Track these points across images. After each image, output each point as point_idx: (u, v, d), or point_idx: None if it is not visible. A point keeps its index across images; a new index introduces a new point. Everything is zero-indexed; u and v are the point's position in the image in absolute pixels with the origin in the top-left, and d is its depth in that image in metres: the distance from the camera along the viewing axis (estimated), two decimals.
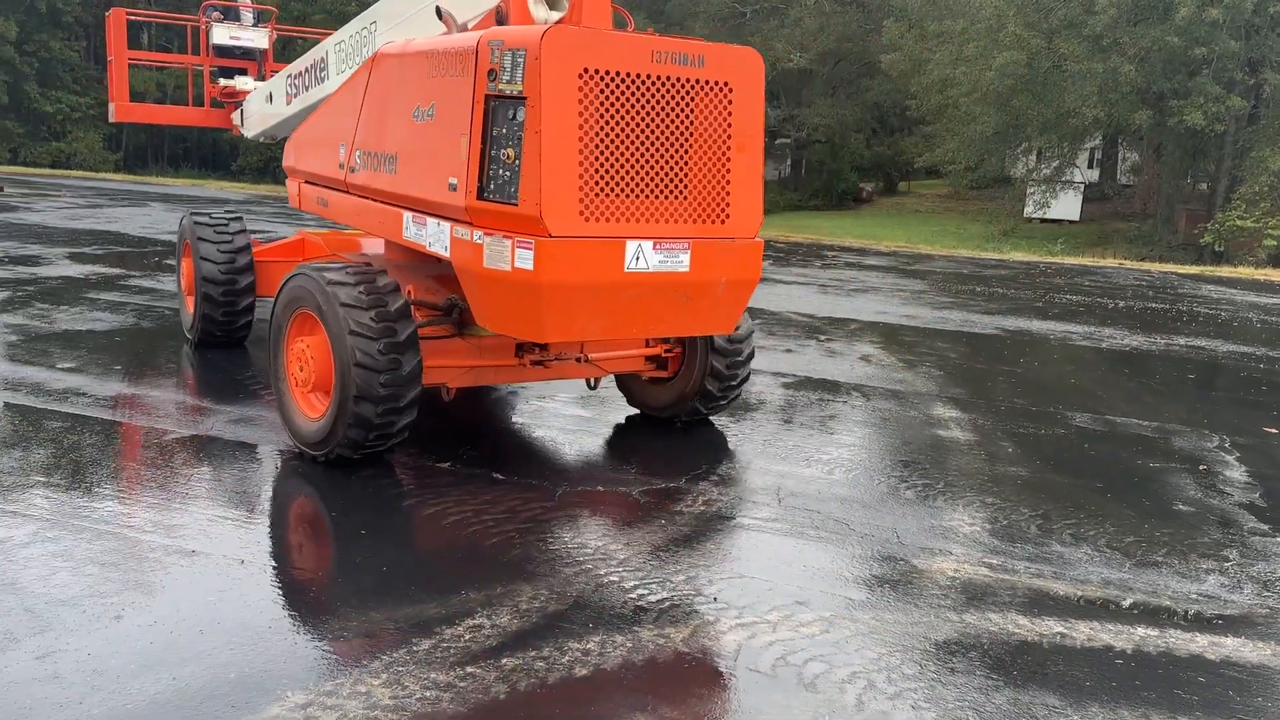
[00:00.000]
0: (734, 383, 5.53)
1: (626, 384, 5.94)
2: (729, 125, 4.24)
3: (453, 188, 4.18)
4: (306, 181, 6.00)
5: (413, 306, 4.66)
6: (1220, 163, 30.28)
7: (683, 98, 4.13)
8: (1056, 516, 4.66)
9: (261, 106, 7.51)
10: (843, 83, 45.64)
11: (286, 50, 14.30)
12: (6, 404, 5.40)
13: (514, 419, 5.84)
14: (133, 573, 3.54)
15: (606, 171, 3.99)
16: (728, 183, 4.28)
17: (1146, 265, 19.69)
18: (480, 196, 4.07)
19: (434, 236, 4.41)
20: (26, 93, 44.51)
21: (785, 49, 41.18)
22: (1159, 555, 4.27)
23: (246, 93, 8.20)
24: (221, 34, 8.50)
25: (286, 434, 4.91)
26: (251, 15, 8.82)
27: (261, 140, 7.90)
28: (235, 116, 8.38)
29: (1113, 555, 4.24)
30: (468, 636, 3.22)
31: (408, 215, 4.63)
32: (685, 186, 4.19)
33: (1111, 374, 8.30)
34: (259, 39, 8.66)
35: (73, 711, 2.69)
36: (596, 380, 5.51)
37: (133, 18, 8.94)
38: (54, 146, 45.01)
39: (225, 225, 6.80)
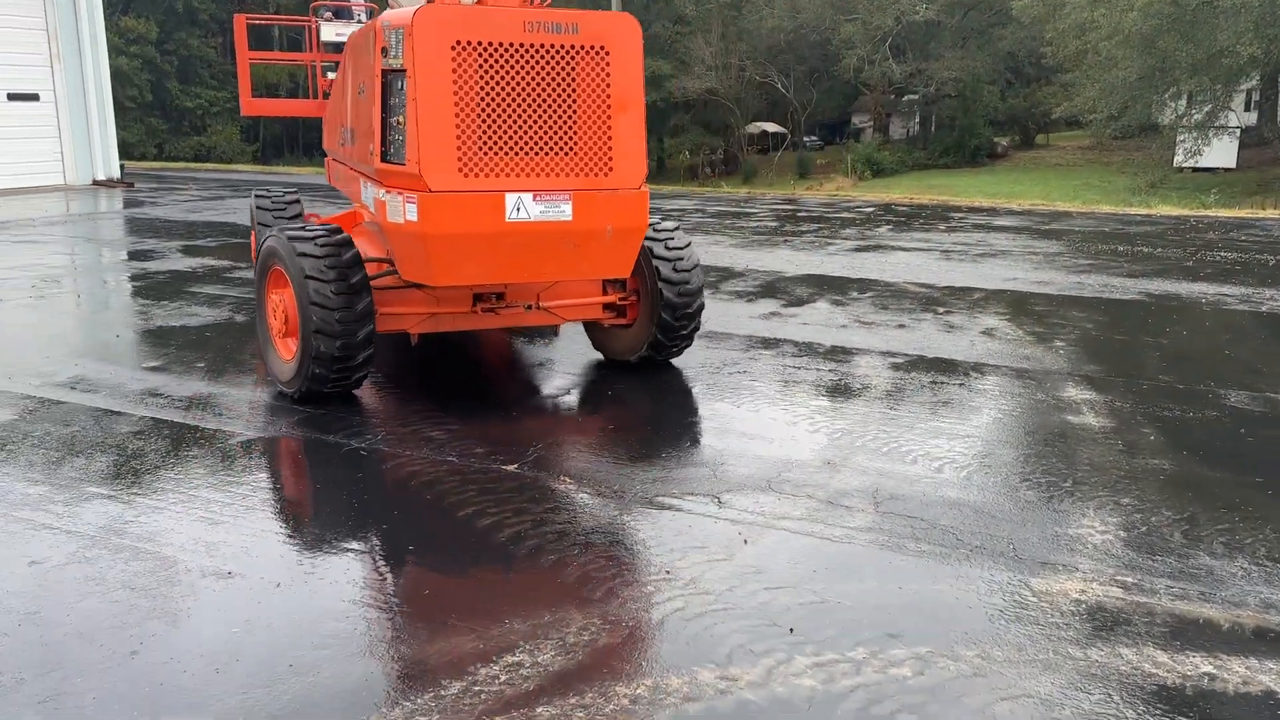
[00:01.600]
0: (683, 332, 5.90)
1: (591, 330, 6.33)
2: (608, 85, 4.67)
3: (371, 154, 4.88)
4: (332, 159, 6.82)
5: (365, 261, 5.16)
6: None
7: (560, 62, 4.61)
8: (1206, 521, 4.01)
9: None
10: (973, 32, 43.60)
11: None
12: (84, 408, 5.32)
13: (587, 418, 5.47)
14: (161, 599, 3.30)
15: (484, 131, 4.53)
16: (609, 138, 4.73)
17: None
18: (384, 159, 4.77)
19: (369, 198, 5.15)
20: (168, 90, 46.50)
21: (910, 2, 39.51)
22: None
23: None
24: (329, 31, 9.28)
25: (272, 379, 5.49)
26: (365, 13, 9.35)
27: None
28: None
29: (1275, 570, 3.59)
30: (504, 678, 2.85)
31: (362, 181, 5.38)
32: (566, 143, 4.67)
33: (1274, 343, 7.39)
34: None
35: None
36: (556, 328, 5.92)
37: (252, 22, 9.66)
38: (195, 140, 46.96)
39: (281, 197, 7.67)
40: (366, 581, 3.51)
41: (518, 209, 4.60)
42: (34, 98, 17.85)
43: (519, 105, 4.57)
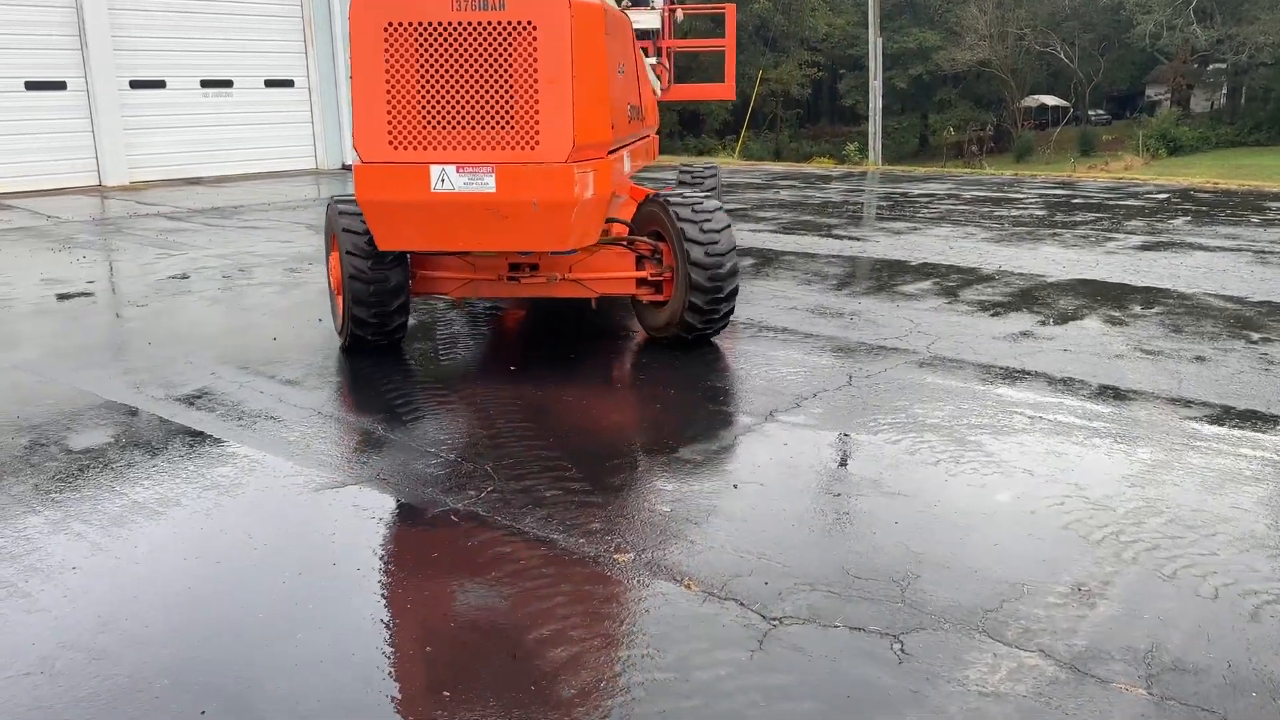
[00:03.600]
0: (714, 317, 5.75)
1: (634, 307, 6.24)
2: (535, 61, 4.66)
3: None
4: None
5: None
6: None
7: (487, 39, 4.67)
8: None
9: None
10: None
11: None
12: (181, 429, 4.67)
13: (745, 486, 4.24)
14: None
15: (413, 106, 4.75)
16: (536, 113, 4.72)
17: None
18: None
19: None
20: None
21: None
22: None
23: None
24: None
25: None
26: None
27: None
28: None
29: None
30: None
31: None
32: (491, 117, 4.75)
33: None
34: (650, 20, 9.71)
35: None
36: (595, 301, 5.99)
37: None
38: None
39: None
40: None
41: (442, 180, 4.80)
42: (289, 84, 18.41)
43: (446, 81, 4.76)
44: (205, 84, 17.37)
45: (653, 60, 9.29)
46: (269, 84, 18.19)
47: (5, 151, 15.02)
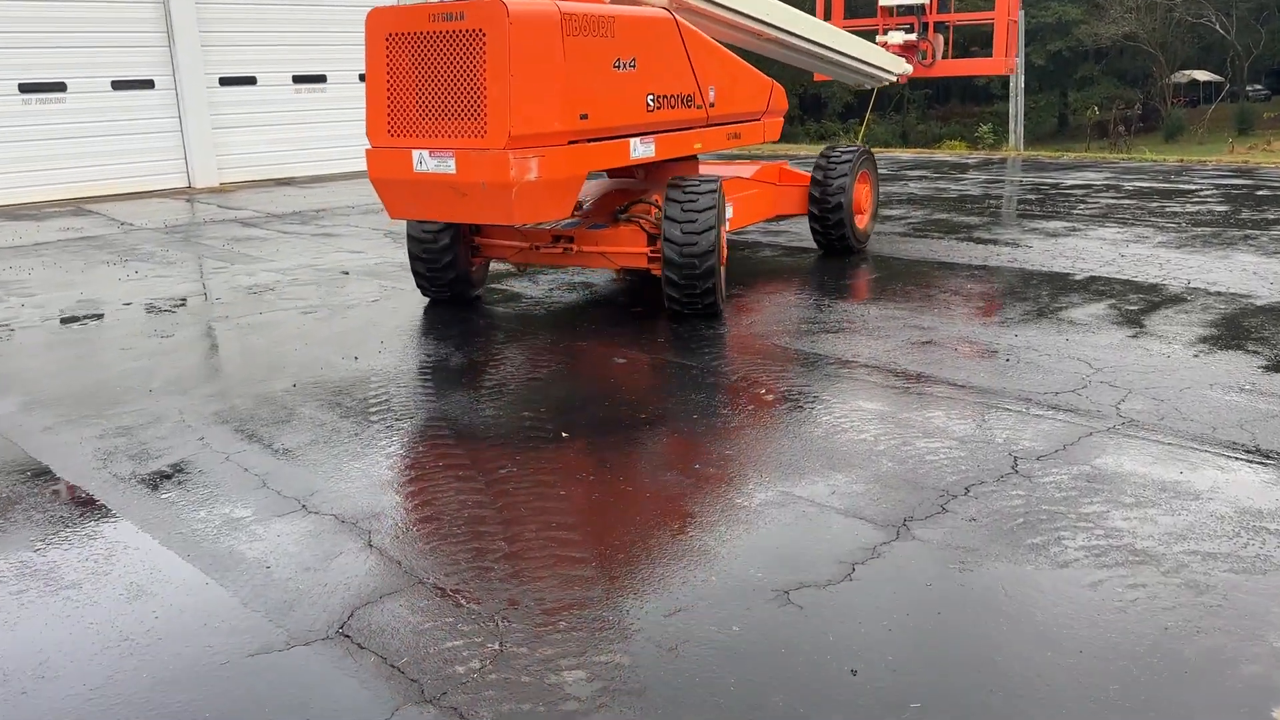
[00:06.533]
0: (693, 294, 6.20)
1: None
2: (484, 62, 5.40)
3: None
4: None
5: None
6: None
7: (450, 45, 5.50)
8: None
9: None
10: None
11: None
12: (119, 535, 3.57)
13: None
14: None
15: (403, 102, 5.70)
16: (484, 106, 5.45)
17: None
18: None
19: None
20: None
21: None
22: None
23: (896, 45, 10.02)
24: None
25: None
26: None
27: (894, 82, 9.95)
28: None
29: None
30: None
31: None
32: (452, 109, 5.56)
33: None
34: None
35: None
36: (619, 272, 7.14)
37: None
38: None
39: None
40: None
41: (420, 162, 5.64)
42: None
43: (423, 80, 5.58)
44: (297, 80, 16.66)
45: (908, 36, 10.01)
46: (363, 79, 17.38)
47: (92, 154, 14.52)
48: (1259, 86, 50.75)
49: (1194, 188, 12.26)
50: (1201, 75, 49.40)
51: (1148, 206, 10.76)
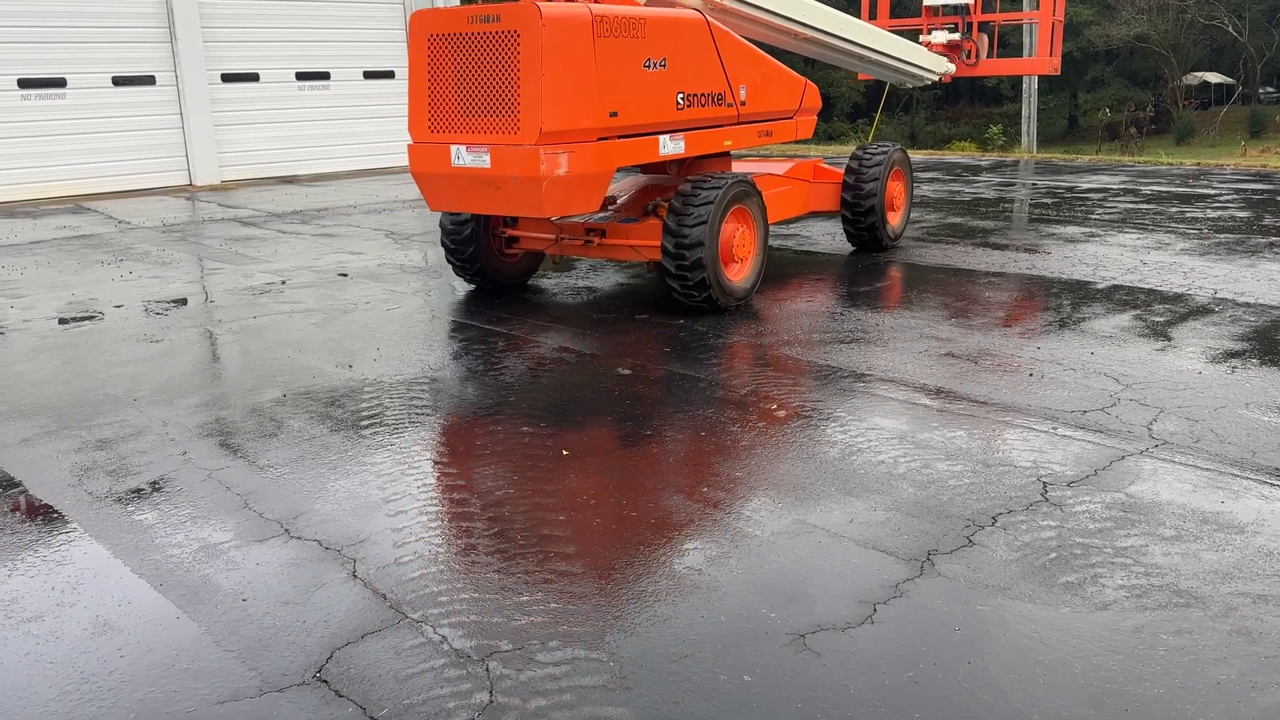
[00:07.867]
0: (687, 283, 6.33)
1: None
2: (518, 61, 5.62)
3: None
4: None
5: None
6: None
7: (487, 45, 5.74)
8: None
9: None
10: None
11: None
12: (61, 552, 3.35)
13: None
14: None
15: (443, 99, 5.98)
16: (518, 103, 5.65)
17: None
18: None
19: None
20: None
21: None
22: None
23: (940, 45, 10.08)
24: None
25: None
26: None
27: (937, 81, 10.08)
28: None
29: None
30: None
31: None
32: (488, 106, 5.79)
33: None
34: None
35: None
36: (645, 264, 6.83)
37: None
38: None
39: None
40: None
41: (458, 157, 5.91)
42: (389, 75, 17.34)
43: (462, 79, 5.88)
44: (300, 76, 16.44)
45: (952, 36, 10.09)
46: (368, 75, 17.18)
47: (91, 151, 14.31)
48: (1271, 89, 50.34)
49: (1213, 192, 11.99)
50: (1213, 77, 49.02)
51: (1167, 211, 10.49)
